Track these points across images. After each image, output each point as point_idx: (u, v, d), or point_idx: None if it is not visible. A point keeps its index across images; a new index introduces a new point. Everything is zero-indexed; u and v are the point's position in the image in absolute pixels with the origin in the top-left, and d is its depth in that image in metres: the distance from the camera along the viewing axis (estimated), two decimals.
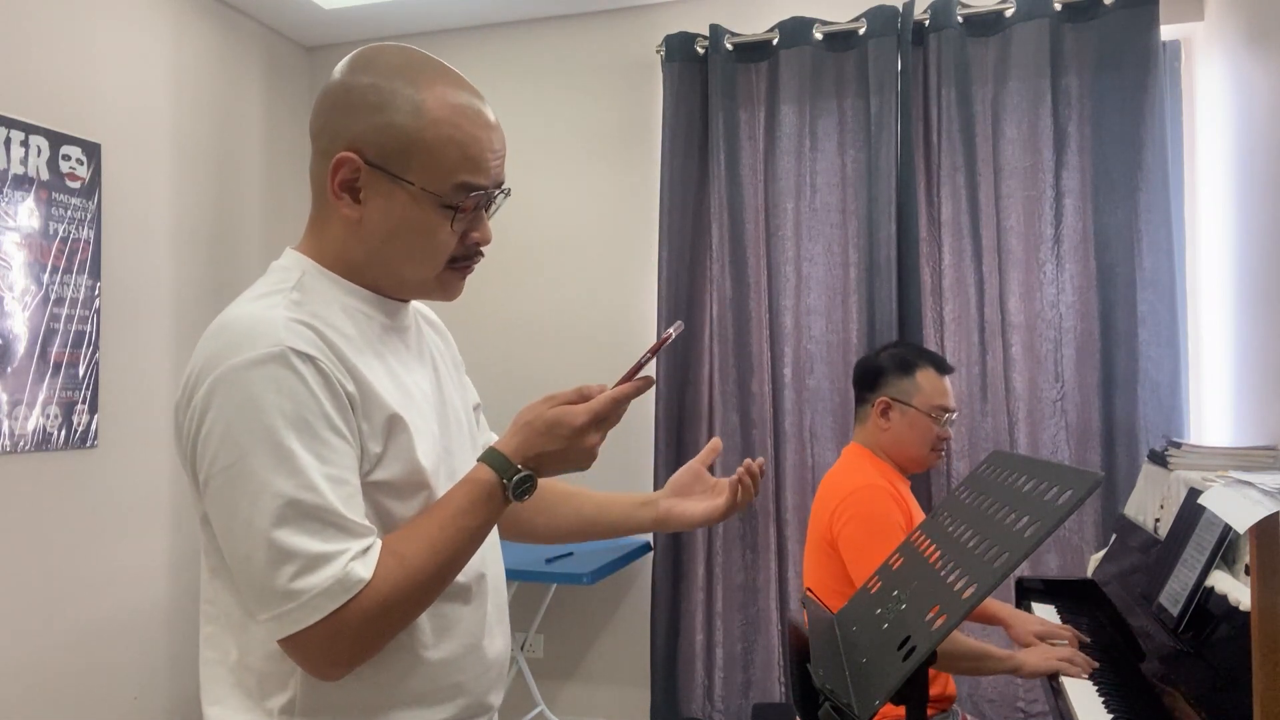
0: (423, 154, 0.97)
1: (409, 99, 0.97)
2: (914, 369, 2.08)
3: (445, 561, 0.94)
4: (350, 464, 0.93)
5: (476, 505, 0.96)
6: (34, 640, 2.57)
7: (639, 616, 3.31)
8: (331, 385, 0.93)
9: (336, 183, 0.99)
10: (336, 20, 3.51)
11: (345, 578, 0.88)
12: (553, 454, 0.97)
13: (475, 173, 0.99)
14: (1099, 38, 2.85)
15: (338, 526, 0.89)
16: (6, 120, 2.51)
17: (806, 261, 3.11)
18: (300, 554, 0.87)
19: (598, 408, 0.97)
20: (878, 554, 1.83)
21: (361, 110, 0.98)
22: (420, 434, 1.00)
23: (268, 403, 0.89)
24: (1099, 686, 1.62)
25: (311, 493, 0.88)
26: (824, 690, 0.95)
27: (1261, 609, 1.17)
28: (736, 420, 3.13)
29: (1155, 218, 2.78)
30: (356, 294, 1.03)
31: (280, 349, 0.91)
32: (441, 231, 1.00)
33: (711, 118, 3.16)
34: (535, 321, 3.50)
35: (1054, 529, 0.85)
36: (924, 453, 2.07)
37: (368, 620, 0.89)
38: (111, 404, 2.82)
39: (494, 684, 1.10)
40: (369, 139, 0.97)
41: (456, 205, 0.99)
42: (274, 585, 0.87)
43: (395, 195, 0.98)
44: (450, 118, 0.97)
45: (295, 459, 0.88)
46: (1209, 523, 1.56)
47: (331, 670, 0.92)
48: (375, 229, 1.00)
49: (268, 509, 0.87)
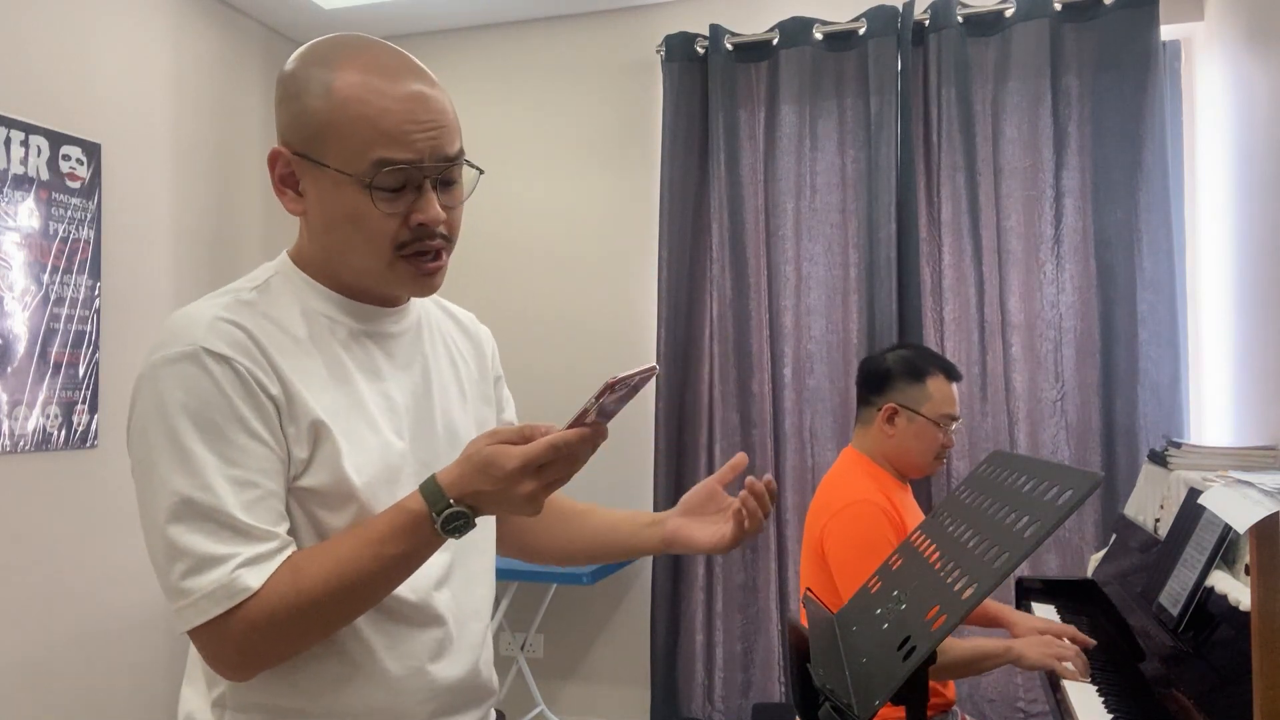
0: (335, 135, 0.93)
1: (320, 82, 0.94)
2: (925, 376, 2.00)
3: (350, 584, 0.89)
4: (264, 467, 0.91)
5: (398, 534, 0.89)
6: (34, 640, 2.57)
7: (639, 616, 3.31)
8: (248, 386, 0.91)
9: (276, 179, 0.98)
10: (336, 20, 3.51)
11: (230, 584, 0.86)
12: (487, 494, 0.88)
13: (392, 147, 0.92)
14: (1099, 38, 2.85)
15: (232, 529, 0.88)
16: (6, 120, 2.51)
17: (806, 261, 3.11)
18: (190, 553, 0.87)
19: (532, 453, 0.86)
20: (864, 572, 1.81)
21: (284, 102, 0.97)
22: (356, 443, 0.96)
23: (173, 401, 0.89)
24: (1099, 686, 1.62)
25: (206, 493, 0.87)
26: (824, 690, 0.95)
27: (1261, 609, 1.17)
28: (736, 420, 3.13)
29: (1155, 218, 2.78)
30: (326, 297, 1.01)
31: (194, 348, 0.90)
32: (370, 214, 0.94)
33: (711, 118, 3.16)
34: (535, 321, 3.50)
35: (1054, 529, 0.85)
36: (928, 461, 2.02)
37: (253, 630, 0.87)
38: (111, 404, 2.82)
39: (445, 709, 1.04)
40: (291, 129, 0.96)
41: (375, 183, 0.93)
42: (169, 581, 0.88)
43: (321, 182, 0.95)
44: (359, 94, 0.92)
45: (194, 459, 0.88)
46: (1209, 523, 1.56)
47: (229, 672, 0.91)
48: (316, 220, 0.98)
49: (165, 505, 0.88)
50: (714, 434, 3.14)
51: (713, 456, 3.14)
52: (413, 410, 1.04)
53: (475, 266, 3.50)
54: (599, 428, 0.89)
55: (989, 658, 1.77)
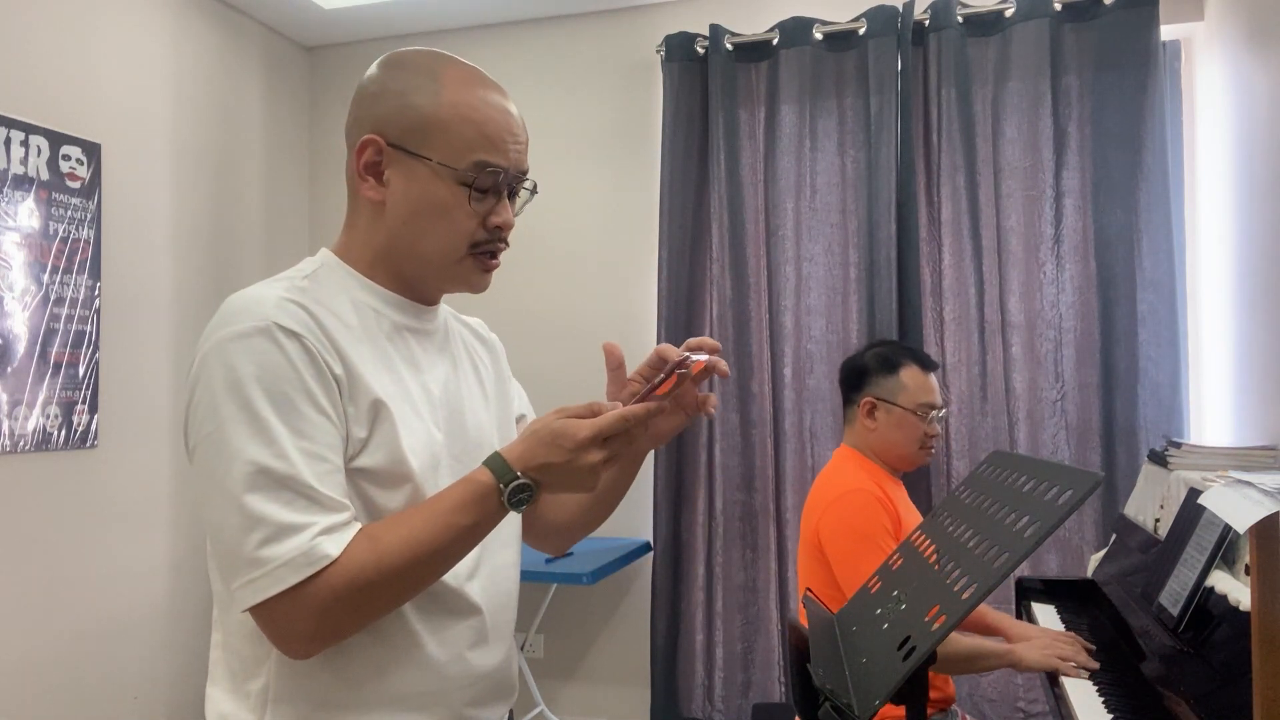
0: (440, 131, 1.00)
1: (429, 83, 1.02)
2: (897, 367, 2.06)
3: (425, 554, 0.92)
4: (331, 442, 0.94)
5: (468, 504, 0.94)
6: (34, 640, 2.57)
7: (639, 616, 3.31)
8: (316, 363, 0.94)
9: (361, 164, 1.03)
10: (336, 20, 3.51)
11: (311, 551, 0.88)
12: (555, 466, 0.93)
13: (492, 152, 1.02)
14: (1099, 38, 2.85)
15: (309, 498, 0.90)
16: (6, 120, 2.51)
17: (806, 261, 3.11)
18: (268, 521, 0.88)
19: (603, 424, 0.93)
20: (862, 560, 1.83)
21: (384, 97, 1.03)
22: (408, 426, 1.00)
23: (247, 373, 0.91)
24: (1099, 686, 1.62)
25: (283, 461, 0.89)
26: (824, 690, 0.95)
27: (1261, 609, 1.17)
28: (736, 420, 3.13)
29: (1155, 218, 2.78)
30: (373, 291, 1.05)
31: (265, 323, 0.93)
32: (460, 209, 1.01)
33: (711, 118, 3.16)
34: (534, 321, 3.50)
35: (1054, 529, 0.85)
36: (912, 451, 2.05)
37: (333, 598, 0.89)
38: (111, 404, 2.82)
39: (480, 698, 1.07)
40: (391, 120, 1.02)
41: (473, 183, 1.01)
42: (243, 551, 0.88)
43: (416, 172, 1.01)
44: (467, 99, 1.02)
45: (270, 429, 0.90)
46: (1209, 523, 1.56)
47: (298, 645, 0.91)
48: (398, 209, 1.03)
49: (240, 475, 0.89)
50: (714, 434, 3.14)
51: (713, 456, 3.14)
52: (446, 405, 1.08)
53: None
54: (662, 403, 0.98)
55: (988, 657, 1.77)
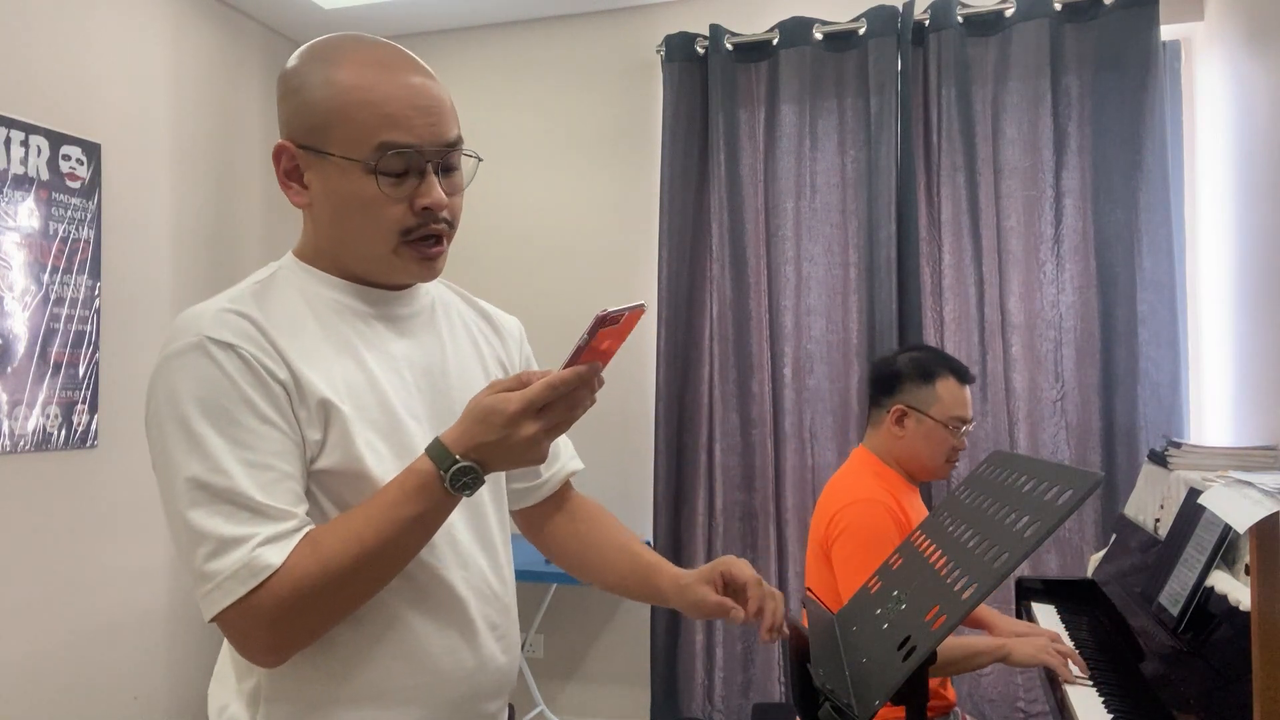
0: (340, 121, 0.96)
1: (321, 75, 0.98)
2: (934, 378, 1.99)
3: (371, 551, 0.90)
4: (278, 449, 0.93)
5: (410, 495, 0.91)
6: (34, 640, 2.57)
7: (639, 616, 3.31)
8: (254, 371, 0.93)
9: (280, 173, 1.01)
10: (336, 20, 3.51)
11: (252, 562, 0.88)
12: (491, 444, 0.90)
13: (395, 130, 0.96)
14: (1099, 38, 2.85)
15: (250, 509, 0.89)
16: (6, 120, 2.51)
17: (806, 261, 3.11)
18: (211, 535, 0.88)
19: (532, 395, 0.89)
20: (866, 570, 1.82)
21: (287, 98, 1.00)
22: (366, 423, 0.98)
23: (184, 391, 0.91)
24: (1099, 687, 1.62)
25: (220, 475, 0.89)
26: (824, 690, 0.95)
27: (1261, 609, 1.17)
28: (736, 420, 3.13)
29: (1155, 218, 2.78)
30: (333, 284, 1.03)
31: (198, 339, 0.92)
32: (376, 199, 0.97)
33: (711, 118, 3.16)
34: (534, 321, 3.48)
35: (1054, 529, 0.85)
36: (938, 464, 2.00)
37: (281, 607, 0.88)
38: (111, 404, 2.82)
39: (475, 692, 1.05)
40: (295, 123, 0.99)
41: (380, 168, 0.96)
42: (194, 566, 0.90)
43: (326, 170, 0.98)
44: (360, 82, 0.96)
45: (205, 444, 0.90)
46: (1209, 523, 1.56)
47: (260, 656, 0.92)
48: (322, 211, 1.01)
49: (182, 491, 0.90)
50: (714, 434, 3.14)
51: (713, 456, 3.14)
52: (428, 389, 1.06)
53: (475, 266, 3.50)
54: (594, 366, 0.92)
55: (980, 654, 1.77)
